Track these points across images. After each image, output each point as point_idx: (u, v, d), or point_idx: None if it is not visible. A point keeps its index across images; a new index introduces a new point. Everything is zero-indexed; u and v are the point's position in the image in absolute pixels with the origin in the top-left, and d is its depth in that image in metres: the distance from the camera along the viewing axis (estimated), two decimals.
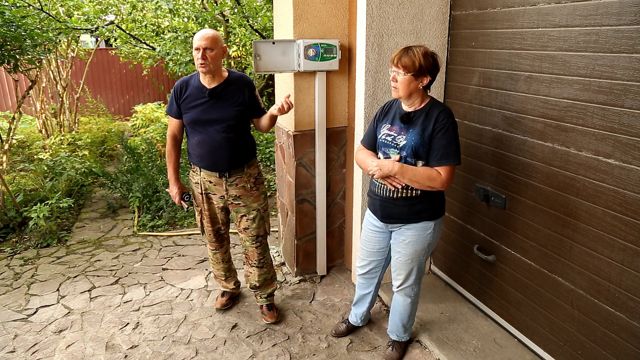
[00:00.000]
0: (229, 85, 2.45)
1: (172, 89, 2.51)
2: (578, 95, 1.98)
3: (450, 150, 1.96)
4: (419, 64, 1.92)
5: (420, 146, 1.99)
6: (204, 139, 2.45)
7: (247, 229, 2.64)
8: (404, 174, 1.99)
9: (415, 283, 2.28)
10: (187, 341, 2.61)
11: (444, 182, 1.97)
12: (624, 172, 1.84)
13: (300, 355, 2.49)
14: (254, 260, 2.73)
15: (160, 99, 9.43)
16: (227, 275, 2.89)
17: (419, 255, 2.18)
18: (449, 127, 1.96)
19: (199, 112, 2.42)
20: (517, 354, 2.40)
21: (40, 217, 3.81)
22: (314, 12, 2.75)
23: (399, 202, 2.10)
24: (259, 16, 5.52)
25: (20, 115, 5.13)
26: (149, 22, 6.46)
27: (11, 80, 7.44)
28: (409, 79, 1.95)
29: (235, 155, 2.50)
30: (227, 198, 2.57)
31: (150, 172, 4.94)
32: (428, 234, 2.13)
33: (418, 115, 2.02)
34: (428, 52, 1.95)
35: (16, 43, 3.92)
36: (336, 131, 3.02)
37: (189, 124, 2.47)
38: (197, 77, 2.46)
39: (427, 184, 1.98)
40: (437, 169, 1.98)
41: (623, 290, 1.90)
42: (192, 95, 2.43)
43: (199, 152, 2.48)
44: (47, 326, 2.75)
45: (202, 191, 2.59)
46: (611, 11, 1.81)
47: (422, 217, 2.11)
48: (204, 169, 2.53)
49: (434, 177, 1.97)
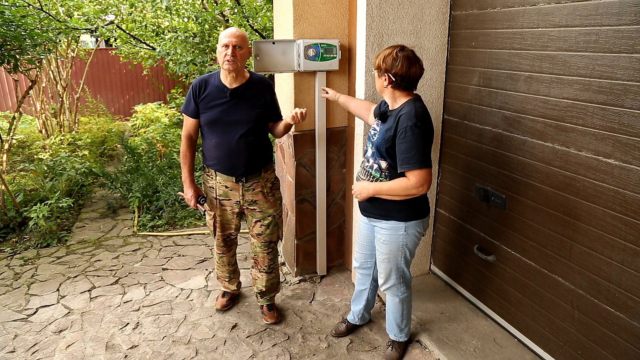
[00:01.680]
0: (250, 86, 2.38)
1: (190, 87, 2.38)
2: (578, 95, 1.98)
3: (410, 155, 1.94)
4: (378, 63, 2.02)
5: (382, 145, 2.03)
6: (222, 141, 2.36)
7: (261, 235, 2.59)
8: (379, 192, 2.07)
9: (400, 283, 2.28)
10: (187, 341, 2.61)
11: (416, 186, 1.96)
12: (624, 172, 1.84)
13: (300, 355, 2.49)
14: (264, 266, 2.69)
15: (160, 99, 9.43)
16: (231, 277, 2.85)
17: (395, 255, 2.19)
18: (407, 131, 1.93)
19: (218, 112, 2.34)
20: (517, 354, 2.40)
21: (40, 217, 3.81)
22: (314, 12, 2.75)
23: (370, 197, 2.14)
24: (259, 16, 5.52)
25: (20, 115, 5.13)
26: (149, 22, 6.45)
27: (11, 80, 7.44)
28: (375, 75, 2.07)
29: (253, 159, 2.43)
30: (243, 203, 2.50)
31: (150, 172, 4.94)
32: (400, 234, 2.14)
33: (391, 115, 2.06)
34: (392, 53, 1.98)
35: (16, 43, 3.92)
36: (336, 131, 3.02)
37: (207, 124, 2.37)
38: (217, 76, 2.37)
39: (404, 193, 2.01)
40: (406, 175, 1.99)
41: (623, 290, 1.90)
42: (211, 95, 2.34)
43: (216, 154, 2.40)
44: (47, 326, 2.75)
45: (216, 196, 2.51)
46: (611, 11, 1.81)
47: (392, 216, 2.13)
48: (220, 173, 2.44)
49: (406, 185, 1.98)
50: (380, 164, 2.08)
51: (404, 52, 1.99)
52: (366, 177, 2.15)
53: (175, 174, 4.93)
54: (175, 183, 4.72)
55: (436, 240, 3.12)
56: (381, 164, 2.08)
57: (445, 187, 2.93)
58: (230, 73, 2.30)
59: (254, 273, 2.77)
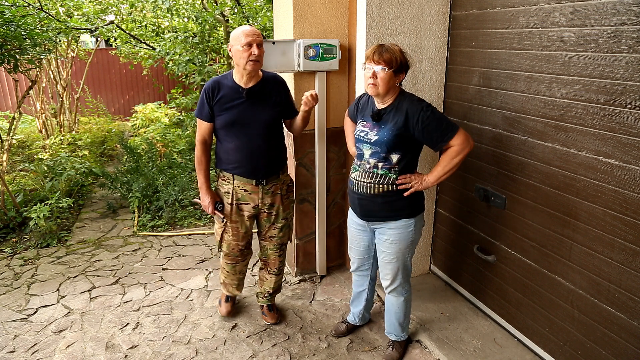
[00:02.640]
0: (265, 84, 2.33)
1: (202, 89, 2.31)
2: (578, 95, 1.98)
3: (442, 127, 2.00)
4: (399, 60, 1.96)
5: (392, 140, 2.02)
6: (243, 143, 2.30)
7: (273, 237, 2.57)
8: (439, 178, 2.07)
9: (405, 281, 2.28)
10: (187, 341, 2.61)
11: (462, 146, 2.00)
12: (624, 172, 1.84)
13: (300, 355, 2.49)
14: (274, 268, 2.68)
15: (160, 99, 9.43)
16: (239, 284, 2.77)
17: (404, 253, 2.19)
18: (425, 113, 1.98)
19: (236, 113, 2.27)
20: (517, 354, 2.40)
21: (40, 217, 3.81)
22: (314, 12, 2.75)
23: (377, 200, 2.12)
24: (259, 16, 5.52)
25: (20, 115, 5.13)
26: (149, 22, 6.45)
27: (11, 80, 7.43)
28: (390, 74, 1.96)
29: (274, 161, 2.40)
30: (261, 207, 2.45)
31: (150, 172, 4.94)
32: (410, 231, 2.14)
33: (388, 111, 2.05)
34: (402, 49, 2.01)
35: (16, 43, 3.92)
36: (336, 131, 3.02)
37: (225, 127, 2.30)
38: (231, 76, 2.31)
39: (460, 158, 2.03)
40: (449, 144, 2.01)
41: (623, 290, 1.90)
42: (227, 96, 2.27)
43: (237, 157, 2.33)
44: (47, 326, 2.75)
45: (233, 201, 2.41)
46: (611, 11, 1.81)
47: (402, 214, 2.12)
48: (239, 177, 2.37)
49: (456, 150, 2.01)
50: (390, 159, 2.05)
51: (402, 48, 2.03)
52: (370, 179, 2.10)
53: (175, 174, 4.93)
54: (175, 183, 4.72)
55: (436, 240, 3.12)
56: (392, 159, 2.05)
57: (446, 187, 2.93)
58: (250, 73, 2.26)
59: (262, 275, 2.75)
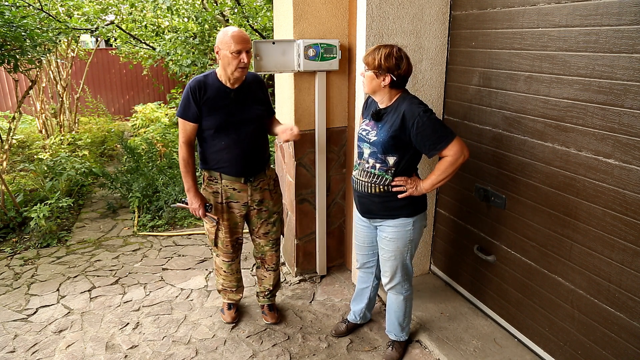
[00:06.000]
0: (249, 84, 2.37)
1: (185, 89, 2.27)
2: (578, 95, 1.98)
3: (437, 134, 1.99)
4: (378, 63, 1.98)
5: (388, 142, 2.03)
6: (233, 143, 2.31)
7: (268, 233, 2.59)
8: (435, 185, 2.08)
9: (404, 280, 2.29)
10: (187, 341, 2.61)
11: (458, 155, 1.99)
12: (624, 172, 1.84)
13: (300, 355, 2.49)
14: (272, 265, 2.69)
15: (160, 99, 9.43)
16: (238, 286, 2.75)
17: (402, 252, 2.20)
18: (422, 118, 1.97)
19: (225, 114, 2.28)
20: (517, 354, 2.40)
21: (40, 217, 3.81)
22: (314, 12, 2.75)
23: (374, 199, 2.14)
24: (259, 16, 5.52)
25: (20, 115, 5.13)
26: (149, 22, 6.46)
27: (11, 80, 7.43)
28: (372, 75, 2.02)
29: (261, 158, 2.43)
30: (251, 204, 2.47)
31: (150, 172, 4.94)
32: (408, 230, 2.15)
33: (388, 112, 2.07)
34: (393, 53, 1.98)
35: (16, 43, 3.92)
36: (336, 131, 3.02)
37: (214, 127, 2.28)
38: (214, 76, 2.30)
39: (454, 168, 2.02)
40: (442, 154, 2.01)
41: (623, 290, 1.90)
42: (214, 97, 2.26)
43: (227, 157, 2.33)
44: (47, 326, 2.75)
45: (222, 200, 2.43)
46: (611, 11, 1.81)
47: (400, 213, 2.14)
48: (228, 176, 2.38)
49: (450, 161, 2.00)
50: (387, 161, 2.07)
51: (402, 51, 2.01)
52: (368, 178, 2.13)
53: (175, 174, 4.93)
54: (175, 183, 4.72)
55: (436, 240, 3.12)
56: (388, 161, 2.07)
57: (445, 187, 2.93)
58: (238, 79, 2.28)
59: (260, 273, 2.75)
